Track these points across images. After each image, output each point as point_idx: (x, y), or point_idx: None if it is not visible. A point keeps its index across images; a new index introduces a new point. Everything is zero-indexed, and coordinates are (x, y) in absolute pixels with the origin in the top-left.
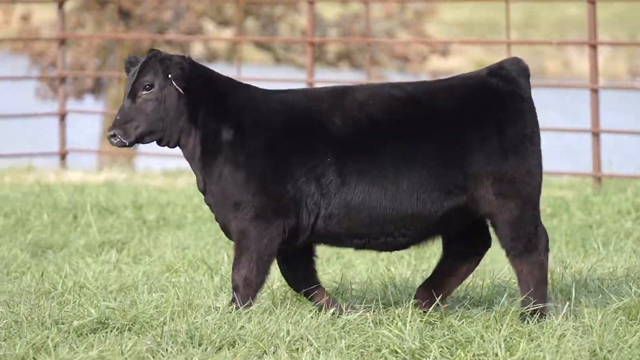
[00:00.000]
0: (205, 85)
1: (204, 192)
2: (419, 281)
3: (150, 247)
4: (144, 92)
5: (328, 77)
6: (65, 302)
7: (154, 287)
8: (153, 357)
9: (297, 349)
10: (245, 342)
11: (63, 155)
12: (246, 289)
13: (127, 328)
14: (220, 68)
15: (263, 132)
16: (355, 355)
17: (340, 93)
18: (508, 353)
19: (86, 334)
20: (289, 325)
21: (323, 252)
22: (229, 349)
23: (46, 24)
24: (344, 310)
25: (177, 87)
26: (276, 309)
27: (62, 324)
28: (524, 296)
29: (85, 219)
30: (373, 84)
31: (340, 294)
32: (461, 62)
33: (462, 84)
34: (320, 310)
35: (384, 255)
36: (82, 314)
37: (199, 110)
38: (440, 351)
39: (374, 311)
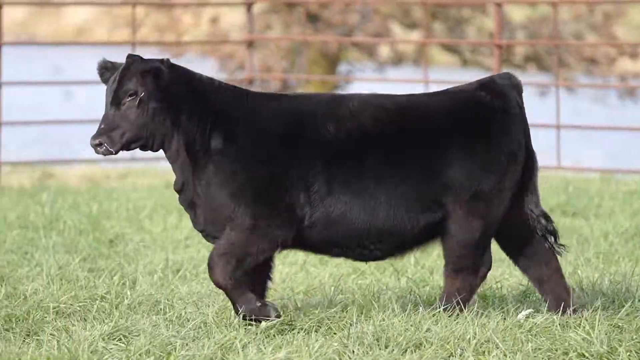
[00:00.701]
0: (186, 89)
1: (179, 192)
2: (606, 284)
3: None
4: (127, 99)
5: None
6: None
7: (341, 289)
8: (340, 358)
9: (484, 352)
10: (432, 345)
11: None
12: (232, 284)
13: (314, 329)
14: (407, 71)
15: (255, 138)
16: (542, 358)
17: (334, 101)
18: None
19: (273, 335)
20: (475, 328)
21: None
22: (414, 351)
23: (235, 27)
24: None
25: (156, 92)
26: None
27: (250, 325)
28: (443, 304)
29: None
30: (367, 94)
31: (527, 296)
32: None
33: (452, 97)
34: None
35: (571, 257)
36: (568, 310)
37: (181, 114)
38: (629, 355)
39: (561, 315)
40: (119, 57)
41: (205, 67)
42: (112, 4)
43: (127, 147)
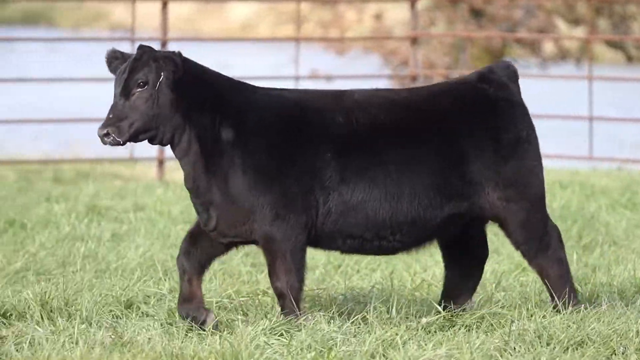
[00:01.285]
0: (198, 82)
1: (191, 189)
2: None
3: (499, 246)
4: (137, 90)
5: None
6: (414, 300)
7: (502, 286)
8: (501, 355)
9: None
10: (594, 343)
11: None
12: (293, 292)
13: (475, 326)
14: (571, 68)
15: (266, 130)
16: None
17: (339, 95)
18: None
19: (434, 332)
20: (638, 326)
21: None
22: (576, 350)
23: (398, 23)
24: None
25: (169, 84)
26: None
27: (411, 321)
28: (553, 293)
29: None
30: (368, 89)
31: None
32: None
33: (457, 89)
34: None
35: None
36: (430, 312)
37: (192, 107)
38: None
39: None
40: (284, 53)
41: (369, 63)
42: (277, 0)
43: (135, 138)
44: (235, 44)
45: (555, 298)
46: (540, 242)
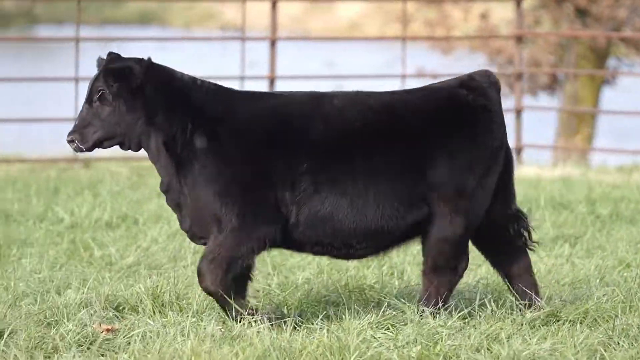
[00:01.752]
0: (163, 88)
1: (166, 192)
2: None
3: (603, 242)
4: (97, 97)
5: None
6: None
7: (606, 281)
8: (605, 350)
9: None
10: None
11: (519, 151)
12: (222, 288)
13: (579, 321)
14: None
15: (239, 137)
16: None
17: (318, 99)
18: None
19: (538, 327)
20: None
21: None
22: None
23: (504, 22)
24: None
25: (130, 91)
26: None
27: (516, 316)
28: (422, 304)
29: (540, 213)
30: (348, 92)
31: None
32: None
33: (434, 95)
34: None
35: None
36: (535, 307)
37: (156, 113)
38: None
39: None
40: (390, 52)
41: (474, 62)
42: None
43: (99, 145)
44: (342, 43)
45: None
46: (450, 262)
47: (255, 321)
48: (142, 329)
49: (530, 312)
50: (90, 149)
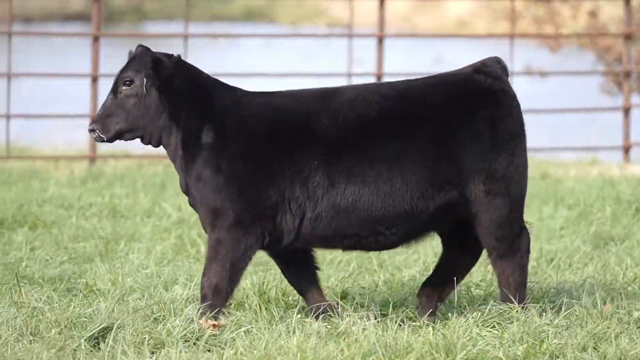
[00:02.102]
0: (189, 85)
1: (186, 193)
2: None
3: None
4: (124, 88)
5: None
6: (626, 294)
7: None
8: None
9: None
10: None
11: (627, 149)
12: (215, 297)
13: None
14: None
15: (245, 135)
16: None
17: (329, 94)
18: None
19: None
20: None
21: None
22: None
23: (613, 20)
24: (338, 313)
25: (157, 85)
26: None
27: (623, 315)
28: (505, 298)
29: None
30: (362, 84)
31: None
32: None
33: (452, 81)
34: (314, 312)
35: None
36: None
37: (181, 109)
38: None
39: None
40: (498, 50)
41: (583, 59)
42: None
43: (120, 136)
44: (450, 40)
45: (507, 303)
46: (511, 245)
47: (360, 318)
48: (249, 325)
49: (637, 311)
50: (111, 140)
